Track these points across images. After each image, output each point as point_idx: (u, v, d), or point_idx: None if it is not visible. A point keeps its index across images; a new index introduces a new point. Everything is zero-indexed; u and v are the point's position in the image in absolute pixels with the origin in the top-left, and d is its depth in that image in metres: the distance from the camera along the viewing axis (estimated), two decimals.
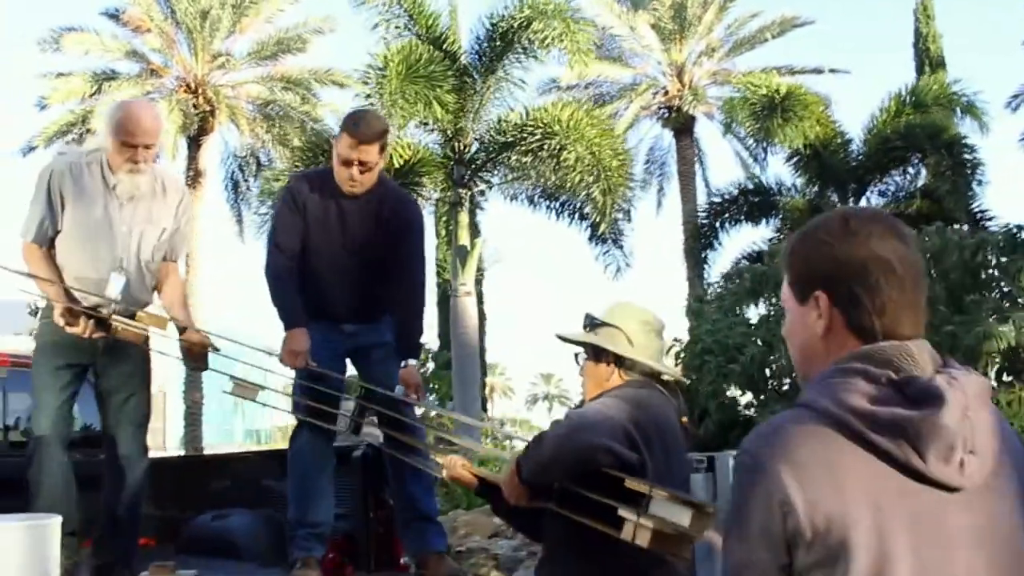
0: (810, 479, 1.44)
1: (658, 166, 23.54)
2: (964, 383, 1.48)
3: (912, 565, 1.42)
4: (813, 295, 1.58)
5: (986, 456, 1.46)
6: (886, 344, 1.52)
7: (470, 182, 15.31)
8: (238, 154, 22.77)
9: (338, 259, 4.12)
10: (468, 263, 15.16)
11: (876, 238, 1.56)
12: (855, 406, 1.46)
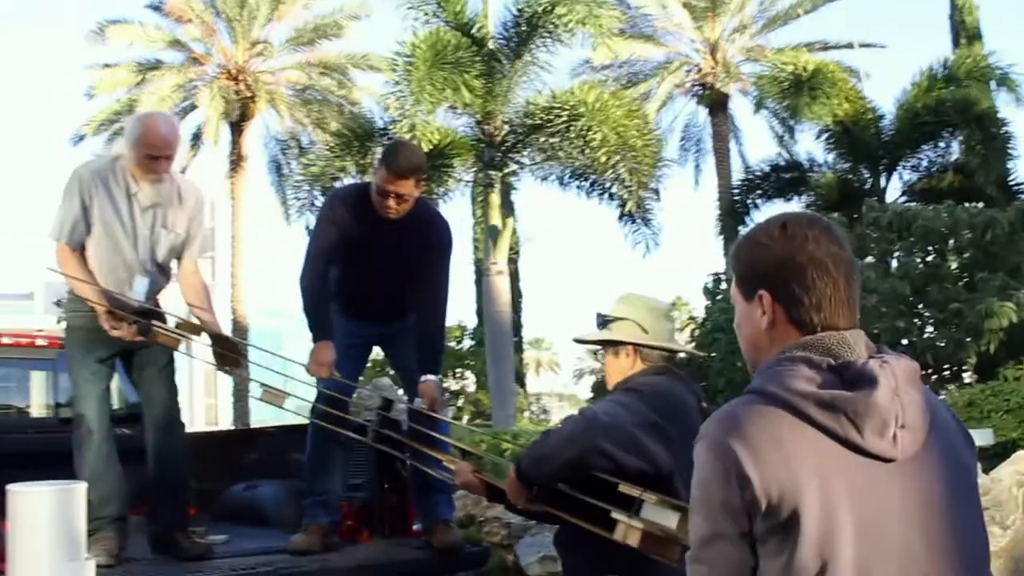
0: (762, 455, 1.58)
1: (694, 143, 23.64)
2: (895, 367, 1.63)
3: (854, 528, 1.56)
4: (757, 293, 1.75)
5: (917, 430, 1.62)
6: (825, 335, 1.67)
7: (500, 164, 15.56)
8: (280, 138, 23.27)
9: (370, 274, 4.41)
10: (499, 243, 15.43)
11: (812, 241, 1.72)
12: (800, 389, 1.60)
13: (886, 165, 17.67)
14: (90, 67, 21.67)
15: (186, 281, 4.43)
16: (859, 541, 1.55)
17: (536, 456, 2.81)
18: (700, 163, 23.30)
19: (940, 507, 1.62)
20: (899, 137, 17.01)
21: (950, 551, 1.61)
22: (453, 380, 21.87)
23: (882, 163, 17.66)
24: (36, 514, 2.40)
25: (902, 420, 1.58)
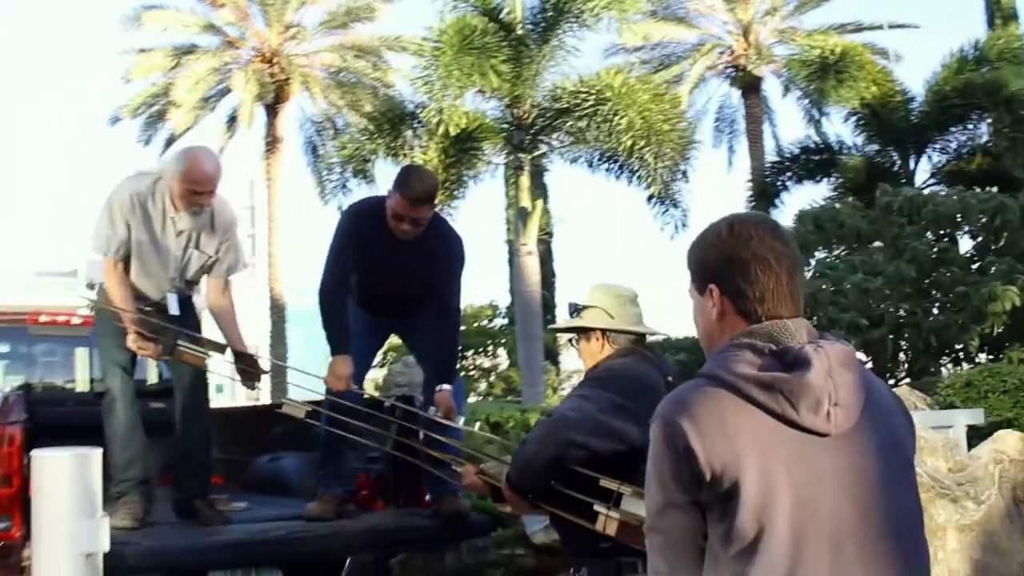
0: (707, 432, 1.73)
1: (727, 124, 23.61)
2: (829, 350, 1.77)
3: (791, 496, 1.70)
4: (708, 288, 1.90)
5: (850, 408, 1.75)
6: (768, 323, 1.83)
7: (530, 147, 15.73)
8: (315, 120, 23.54)
9: (384, 286, 4.68)
10: (529, 224, 15.60)
11: (756, 239, 1.88)
12: (742, 372, 1.76)
13: (915, 147, 17.62)
14: (126, 52, 22.01)
15: (214, 298, 4.75)
16: (794, 508, 1.70)
17: (519, 466, 3.02)
18: (734, 145, 23.33)
19: (872, 478, 1.75)
20: (928, 120, 16.94)
21: (879, 518, 1.74)
22: (485, 358, 22.15)
23: (911, 145, 17.62)
24: (57, 477, 2.66)
25: (835, 399, 1.73)
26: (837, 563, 1.69)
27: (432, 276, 4.60)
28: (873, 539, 1.73)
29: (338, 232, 4.69)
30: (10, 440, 4.08)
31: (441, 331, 4.70)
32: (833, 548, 1.70)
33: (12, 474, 4.05)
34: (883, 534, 1.74)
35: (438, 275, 4.61)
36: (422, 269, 4.56)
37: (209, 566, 4.25)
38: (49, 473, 2.66)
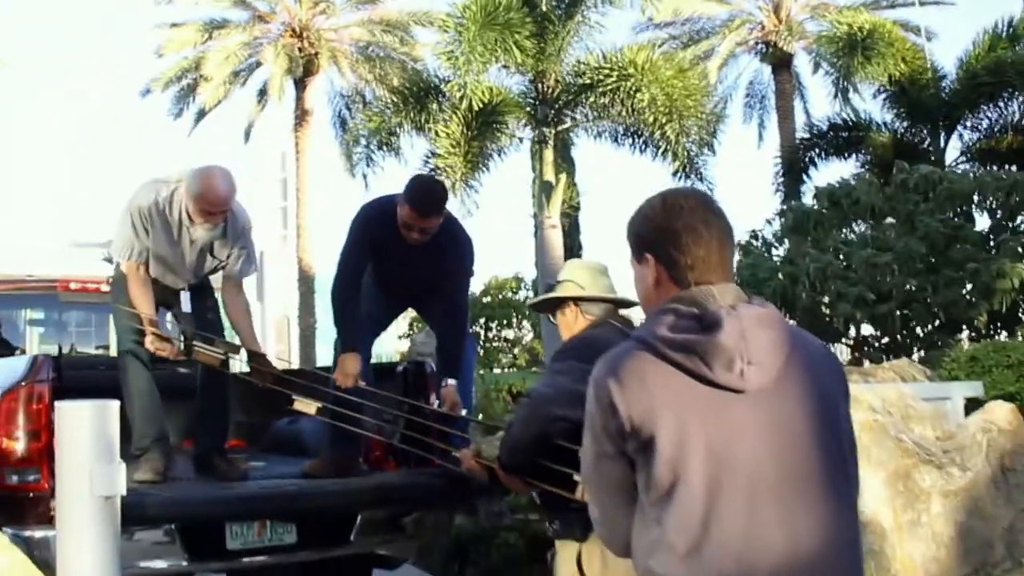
0: (628, 390, 1.89)
1: (758, 100, 23.54)
2: (743, 313, 1.90)
3: (704, 448, 1.83)
4: (644, 256, 2.05)
5: (766, 366, 1.87)
6: (695, 289, 1.96)
7: (554, 121, 15.81)
8: (344, 93, 23.74)
9: (397, 282, 4.94)
10: (553, 198, 15.72)
11: (687, 212, 2.01)
12: (661, 335, 1.90)
13: (945, 125, 17.49)
14: (159, 26, 22.30)
15: (228, 297, 5.01)
16: (708, 459, 1.82)
17: (508, 447, 3.20)
18: (764, 120, 23.27)
19: (792, 430, 1.87)
20: (958, 98, 16.79)
21: (799, 467, 1.85)
22: (510, 329, 22.34)
23: (942, 123, 17.49)
24: (78, 425, 2.85)
25: (748, 357, 1.85)
26: (753, 511, 1.81)
27: (441, 276, 4.81)
28: (791, 487, 1.84)
29: (351, 232, 4.87)
30: (39, 398, 4.27)
31: (448, 327, 4.93)
32: (749, 497, 1.82)
33: (40, 430, 4.24)
34: (802, 482, 1.85)
35: (447, 276, 4.82)
36: (432, 271, 4.77)
37: (225, 518, 4.44)
38: (71, 422, 2.85)
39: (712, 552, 1.82)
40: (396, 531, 5.06)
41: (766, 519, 1.82)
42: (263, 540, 4.54)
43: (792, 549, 1.82)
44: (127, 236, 4.71)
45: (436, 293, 4.92)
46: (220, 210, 4.60)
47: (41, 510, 4.18)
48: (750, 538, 1.82)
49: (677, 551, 1.84)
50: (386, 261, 4.78)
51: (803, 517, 1.83)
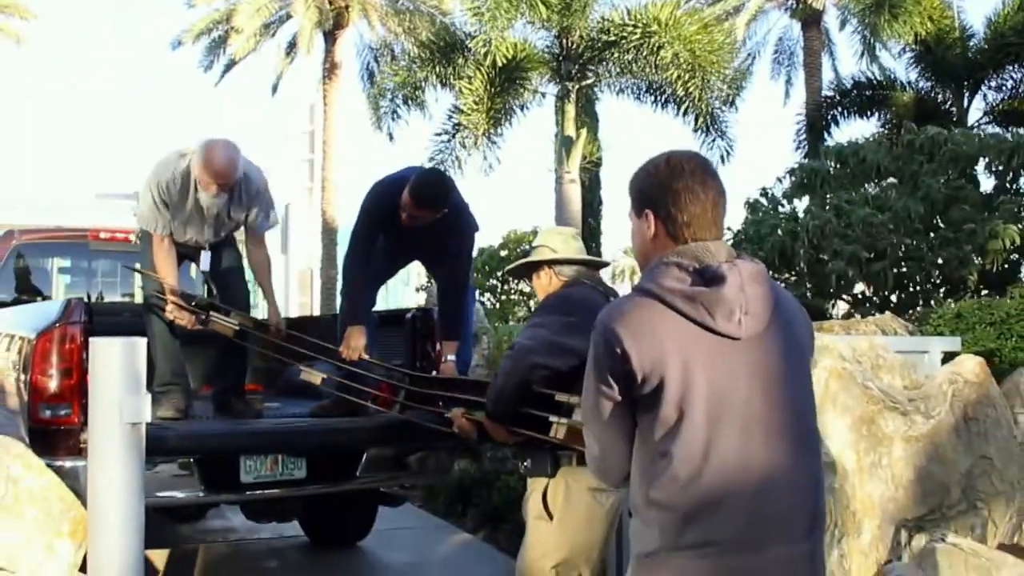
0: (638, 336, 2.04)
1: (786, 56, 23.38)
2: (742, 268, 2.08)
3: (707, 388, 2.02)
4: (644, 212, 2.21)
5: (758, 316, 2.07)
6: (693, 245, 2.13)
7: (577, 77, 15.93)
8: (373, 46, 23.86)
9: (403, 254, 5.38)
10: (573, 153, 15.89)
11: (687, 173, 2.18)
12: (669, 286, 2.06)
13: (970, 85, 17.41)
14: None
15: (250, 251, 5.38)
16: (710, 398, 2.03)
17: (493, 397, 3.48)
18: (792, 77, 23.16)
19: (775, 373, 2.10)
20: (984, 57, 16.70)
21: (781, 404, 2.09)
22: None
23: (966, 83, 17.40)
24: (109, 359, 3.17)
25: (746, 308, 2.05)
26: (745, 441, 2.04)
27: (443, 255, 5.17)
28: (775, 421, 2.08)
29: (362, 209, 5.19)
30: (71, 338, 4.57)
31: (450, 294, 5.28)
32: (743, 429, 2.04)
33: (73, 368, 4.54)
34: (783, 417, 2.10)
35: (448, 253, 5.16)
36: (434, 250, 5.17)
37: (239, 451, 4.76)
38: (103, 356, 3.17)
39: (710, 478, 2.02)
40: (400, 469, 5.37)
41: (755, 448, 2.05)
42: (275, 474, 4.87)
43: (773, 474, 2.06)
44: (150, 210, 5.07)
45: (439, 263, 5.32)
46: (224, 181, 4.90)
47: (72, 442, 4.50)
48: (742, 465, 2.04)
49: (680, 480, 2.03)
50: (393, 236, 5.11)
51: (781, 447, 2.08)
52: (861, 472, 3.99)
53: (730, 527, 2.03)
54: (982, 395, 4.46)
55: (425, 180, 4.95)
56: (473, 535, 7.10)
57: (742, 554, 2.03)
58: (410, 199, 4.81)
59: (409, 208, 4.83)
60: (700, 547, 2.03)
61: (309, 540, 6.90)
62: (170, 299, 4.98)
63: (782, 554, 2.06)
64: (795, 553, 2.08)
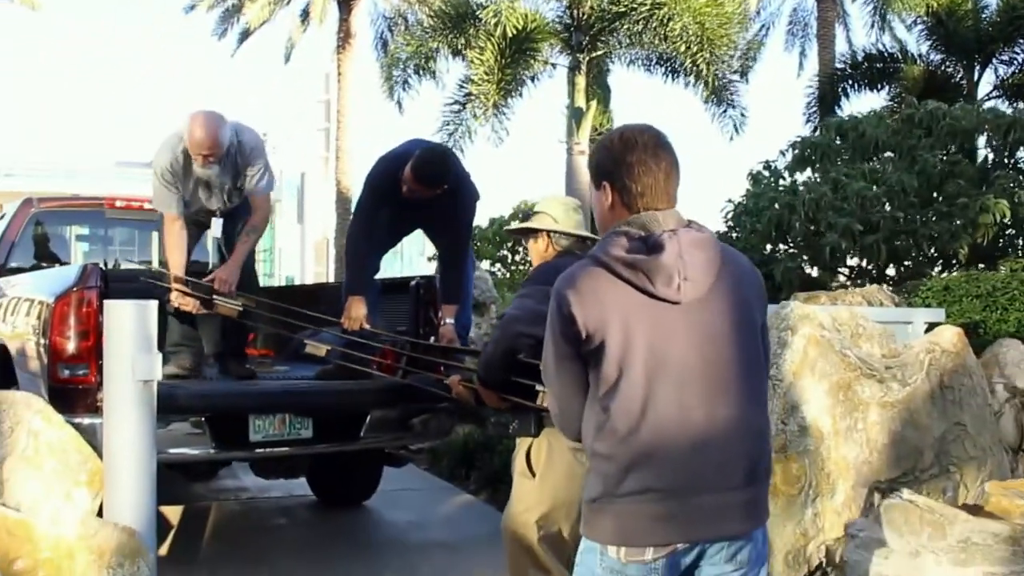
0: (584, 301, 2.22)
1: (801, 27, 23.47)
2: (682, 236, 2.23)
3: (645, 348, 2.19)
4: (602, 184, 2.36)
5: (698, 282, 2.21)
6: (644, 214, 2.28)
7: (588, 48, 16.02)
8: (387, 15, 23.92)
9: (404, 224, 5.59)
10: (583, 124, 16.02)
11: (640, 147, 2.31)
12: (613, 254, 2.22)
13: (981, 59, 17.39)
14: None
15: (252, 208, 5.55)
16: (648, 358, 2.19)
17: (484, 364, 3.69)
18: (806, 49, 23.19)
19: (715, 333, 2.25)
20: (996, 30, 16.68)
21: (720, 364, 2.24)
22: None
23: (977, 57, 17.38)
24: (124, 320, 3.39)
25: (684, 275, 2.20)
26: (682, 397, 2.20)
27: (444, 224, 5.41)
28: (714, 378, 2.24)
29: (366, 184, 5.45)
30: (88, 302, 4.79)
31: (450, 263, 5.51)
32: (680, 386, 2.20)
33: (90, 330, 4.75)
34: (723, 374, 2.25)
35: (449, 223, 5.39)
36: (436, 220, 5.41)
37: (247, 410, 5.00)
38: (118, 317, 3.39)
39: (647, 432, 2.18)
40: (403, 430, 5.61)
41: (692, 403, 2.21)
42: (282, 434, 5.11)
43: (710, 427, 2.20)
44: (158, 192, 5.34)
45: (440, 232, 5.56)
46: (209, 152, 5.12)
47: (89, 401, 4.72)
48: (678, 419, 2.19)
49: (619, 433, 2.19)
50: (396, 207, 5.32)
51: (720, 402, 2.23)
52: (837, 435, 4.17)
53: (666, 476, 2.20)
54: (959, 364, 4.62)
55: (427, 158, 5.13)
56: (475, 496, 7.35)
57: (677, 500, 2.21)
58: (412, 175, 5.01)
59: (411, 184, 5.03)
60: (638, 494, 2.21)
61: (317, 499, 7.17)
62: (174, 287, 5.21)
63: (717, 501, 2.23)
64: (731, 501, 2.25)
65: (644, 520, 2.22)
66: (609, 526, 2.25)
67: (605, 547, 2.25)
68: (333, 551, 5.91)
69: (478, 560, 5.59)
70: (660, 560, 2.22)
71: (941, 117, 7.94)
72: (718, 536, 2.26)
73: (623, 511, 2.23)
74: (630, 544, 2.22)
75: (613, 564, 2.24)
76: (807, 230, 7.33)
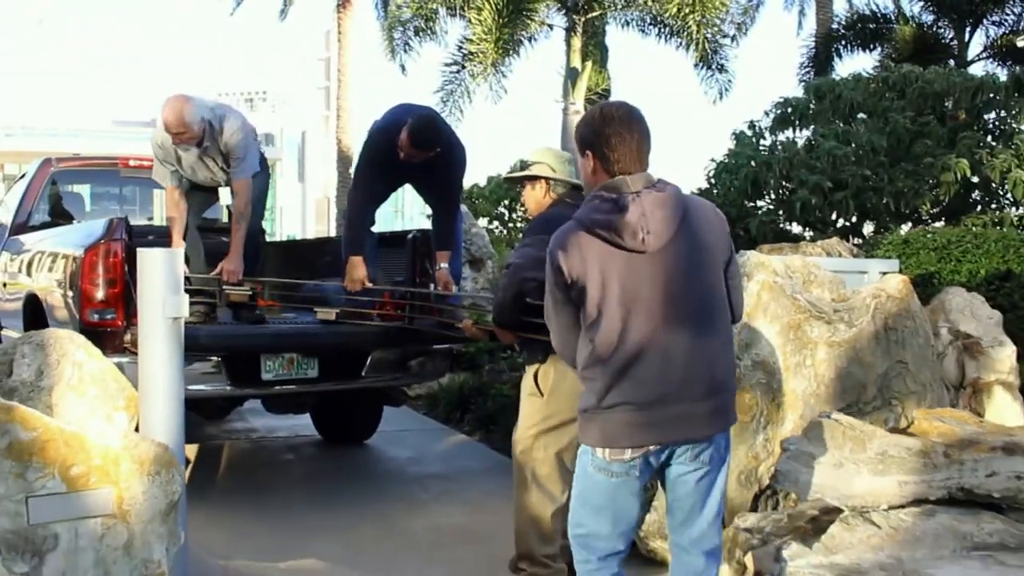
0: (569, 256, 2.80)
1: None
2: (645, 198, 2.75)
3: (619, 289, 2.74)
4: (586, 152, 2.89)
5: (660, 234, 2.73)
6: (616, 179, 2.79)
7: (584, 8, 16.36)
8: None
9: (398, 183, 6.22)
10: (578, 84, 16.40)
11: (617, 120, 2.84)
12: (590, 217, 2.78)
13: (972, 20, 17.69)
14: None
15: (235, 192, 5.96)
16: (622, 298, 2.75)
17: (497, 307, 4.22)
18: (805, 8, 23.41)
19: (678, 274, 2.78)
20: None
21: (683, 297, 2.78)
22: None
23: (968, 18, 17.67)
24: (154, 264, 3.86)
25: (647, 229, 2.73)
26: (651, 328, 2.77)
27: (436, 182, 5.92)
28: (677, 311, 2.79)
29: (364, 150, 5.97)
30: (115, 253, 5.28)
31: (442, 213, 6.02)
32: (649, 319, 2.76)
33: (116, 278, 5.26)
34: (686, 308, 2.79)
35: (441, 181, 5.90)
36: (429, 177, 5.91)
37: (259, 350, 5.51)
38: (150, 262, 3.86)
39: (622, 356, 2.75)
40: (402, 370, 6.13)
41: (659, 333, 2.77)
42: (291, 373, 5.64)
43: (674, 351, 2.76)
44: (157, 167, 5.88)
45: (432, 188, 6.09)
46: (177, 133, 5.60)
47: (117, 342, 5.23)
48: (649, 346, 2.75)
49: (601, 358, 2.77)
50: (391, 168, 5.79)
51: (682, 331, 2.79)
52: (787, 370, 4.66)
53: (639, 391, 2.78)
54: (903, 309, 5.08)
55: (420, 125, 5.59)
56: (469, 436, 7.89)
57: (649, 411, 2.79)
58: (407, 140, 5.50)
59: (407, 149, 5.51)
60: (618, 406, 2.79)
61: (322, 438, 7.71)
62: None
63: (682, 411, 2.80)
64: (694, 411, 2.82)
65: (623, 427, 2.80)
66: (596, 432, 2.84)
67: (594, 449, 2.86)
68: (338, 481, 6.47)
69: (471, 489, 6.15)
70: (637, 459, 2.82)
71: (913, 80, 8.35)
72: (684, 439, 2.84)
73: (607, 420, 2.81)
74: (612, 446, 2.81)
75: (600, 463, 2.85)
76: (781, 187, 7.79)
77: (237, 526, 5.24)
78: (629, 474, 2.83)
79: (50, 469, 3.43)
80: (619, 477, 2.84)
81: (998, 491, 3.91)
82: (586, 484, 2.94)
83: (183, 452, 3.89)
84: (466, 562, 4.74)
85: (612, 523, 2.91)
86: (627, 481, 2.84)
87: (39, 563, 3.40)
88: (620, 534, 2.94)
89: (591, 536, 2.95)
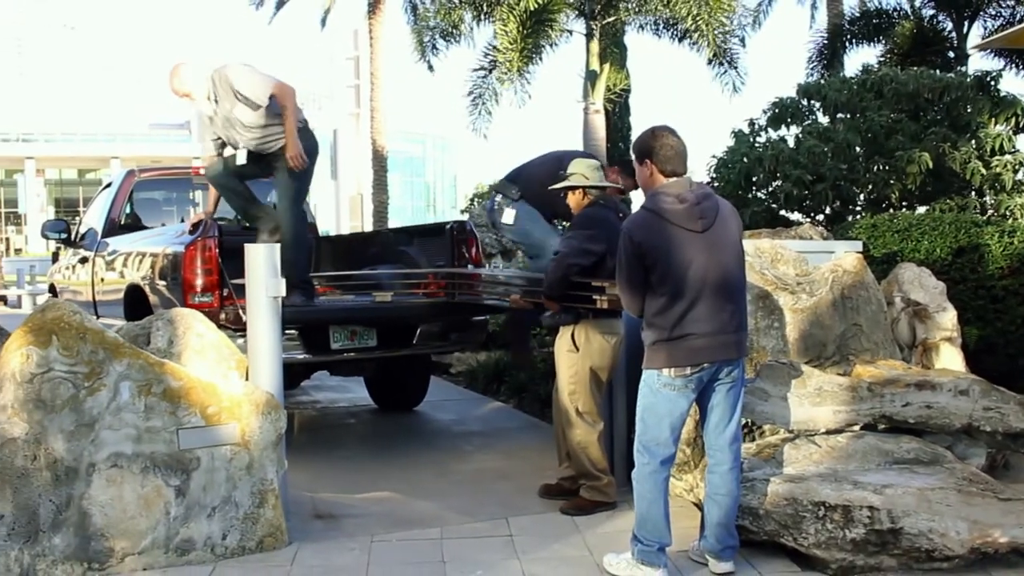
0: (644, 236, 3.92)
1: None
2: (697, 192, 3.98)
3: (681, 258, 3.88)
4: (644, 161, 4.05)
5: (708, 219, 3.95)
6: (673, 180, 3.99)
7: (600, 14, 17.43)
8: None
9: None
10: (597, 85, 17.49)
11: (665, 135, 4.03)
12: (660, 206, 3.95)
13: (969, 13, 18.47)
14: None
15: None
16: (682, 264, 3.89)
17: (548, 285, 5.30)
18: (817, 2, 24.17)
19: (719, 251, 3.98)
20: None
21: (721, 267, 3.96)
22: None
23: (966, 11, 18.46)
24: (259, 256, 5.05)
25: (700, 215, 3.94)
26: (700, 288, 3.98)
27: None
28: (718, 277, 3.96)
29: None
30: (210, 248, 6.40)
31: None
32: (701, 280, 3.93)
33: (212, 269, 6.36)
34: (723, 276, 3.97)
35: None
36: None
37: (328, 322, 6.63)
38: (254, 253, 5.05)
39: (681, 307, 3.91)
40: (445, 340, 7.30)
41: (707, 292, 3.94)
42: (355, 343, 6.79)
43: (717, 302, 3.94)
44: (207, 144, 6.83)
45: None
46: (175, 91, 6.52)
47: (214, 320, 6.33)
48: (700, 298, 3.91)
49: (668, 307, 3.92)
50: None
51: (722, 288, 3.96)
52: (758, 332, 5.77)
53: (698, 326, 3.99)
54: (857, 281, 6.14)
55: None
56: (505, 403, 9.05)
57: (704, 339, 4.01)
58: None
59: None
60: (682, 337, 3.96)
61: (377, 406, 8.93)
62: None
63: (723, 340, 4.02)
64: (730, 340, 4.07)
65: (685, 351, 4.01)
66: (664, 356, 4.04)
67: (660, 370, 4.05)
68: (395, 439, 7.66)
69: (506, 442, 7.32)
70: (695, 374, 4.03)
71: (889, 81, 9.40)
72: (725, 359, 4.02)
73: (673, 347, 4.01)
74: (677, 365, 4.02)
75: (666, 379, 4.05)
76: (768, 180, 8.89)
77: (317, 472, 6.36)
78: (687, 387, 4.00)
79: (193, 409, 4.66)
80: (679, 390, 4.00)
81: (912, 418, 5.02)
82: (651, 400, 4.09)
83: (283, 401, 5.05)
84: (504, 493, 5.86)
85: (670, 429, 4.07)
86: (684, 393, 4.01)
87: (187, 478, 4.65)
88: (674, 440, 4.11)
89: (652, 441, 4.10)
